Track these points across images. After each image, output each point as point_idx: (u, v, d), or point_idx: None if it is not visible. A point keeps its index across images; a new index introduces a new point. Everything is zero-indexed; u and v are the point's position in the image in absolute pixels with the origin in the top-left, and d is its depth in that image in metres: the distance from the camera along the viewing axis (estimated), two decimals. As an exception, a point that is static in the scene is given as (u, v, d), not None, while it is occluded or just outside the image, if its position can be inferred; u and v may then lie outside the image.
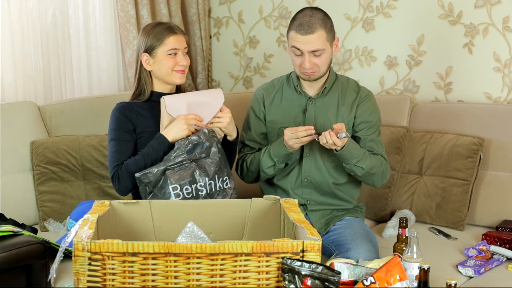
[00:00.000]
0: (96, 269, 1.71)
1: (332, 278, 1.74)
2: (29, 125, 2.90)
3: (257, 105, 2.63)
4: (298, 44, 2.41)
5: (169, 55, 2.46)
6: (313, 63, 2.43)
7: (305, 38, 2.40)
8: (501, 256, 2.50)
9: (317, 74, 2.48)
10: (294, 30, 2.42)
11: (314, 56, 2.42)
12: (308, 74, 2.46)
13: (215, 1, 3.97)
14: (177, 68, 2.47)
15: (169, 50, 2.46)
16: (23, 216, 2.71)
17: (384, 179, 2.55)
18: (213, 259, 1.72)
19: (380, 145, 2.56)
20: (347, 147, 2.38)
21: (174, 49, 2.46)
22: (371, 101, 2.58)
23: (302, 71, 2.46)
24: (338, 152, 2.40)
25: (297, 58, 2.46)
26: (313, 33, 2.39)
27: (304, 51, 2.41)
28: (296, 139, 2.37)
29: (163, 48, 2.46)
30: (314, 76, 2.48)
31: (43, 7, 3.15)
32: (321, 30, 2.41)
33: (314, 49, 2.41)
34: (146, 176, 2.28)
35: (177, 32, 2.49)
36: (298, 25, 2.41)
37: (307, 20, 2.41)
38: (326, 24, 2.44)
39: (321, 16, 2.44)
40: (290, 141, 2.38)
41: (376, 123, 2.57)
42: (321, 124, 2.50)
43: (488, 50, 3.14)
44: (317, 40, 2.40)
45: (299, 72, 2.49)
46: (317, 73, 2.48)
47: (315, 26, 2.40)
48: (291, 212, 2.00)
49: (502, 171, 2.89)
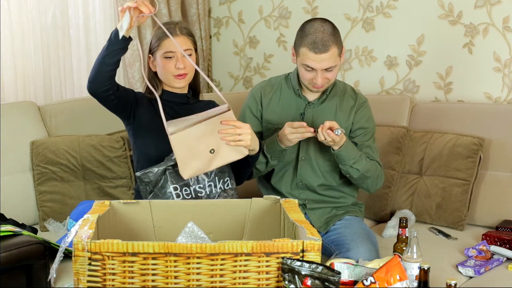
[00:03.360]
0: (96, 269, 1.70)
1: (332, 278, 1.74)
2: (29, 125, 2.90)
3: (254, 103, 2.62)
4: (312, 63, 2.38)
5: (165, 58, 2.39)
6: (325, 78, 2.43)
7: (319, 57, 2.36)
8: (501, 256, 2.50)
9: (326, 86, 2.49)
10: (307, 47, 2.37)
11: (326, 71, 2.41)
12: (318, 87, 2.46)
13: (215, 1, 3.97)
14: (175, 73, 2.39)
15: (164, 53, 2.38)
16: (23, 216, 2.71)
17: (378, 184, 2.56)
18: (213, 259, 1.72)
19: (375, 151, 2.57)
20: (345, 148, 2.39)
21: (169, 52, 2.37)
22: (368, 108, 2.60)
23: (312, 84, 2.46)
24: (335, 152, 2.40)
25: (307, 73, 2.43)
26: (326, 52, 2.36)
27: (317, 69, 2.40)
28: (298, 134, 2.37)
29: (160, 51, 2.39)
30: (324, 88, 2.49)
31: (43, 7, 3.15)
32: (334, 47, 2.38)
33: (327, 67, 2.39)
34: (146, 175, 2.28)
35: (177, 34, 2.38)
36: (311, 43, 2.36)
37: (320, 38, 2.36)
38: (337, 39, 2.40)
39: (331, 31, 2.39)
40: (291, 135, 2.37)
41: (372, 130, 2.59)
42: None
43: (488, 50, 3.14)
44: (330, 58, 2.37)
45: (308, 85, 2.48)
46: (327, 85, 2.49)
47: (328, 44, 2.36)
48: (291, 212, 2.00)
49: (502, 171, 2.89)
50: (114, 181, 2.89)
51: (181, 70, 2.38)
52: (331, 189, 2.58)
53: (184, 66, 2.37)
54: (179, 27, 2.42)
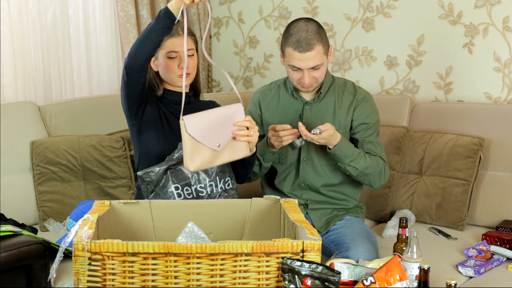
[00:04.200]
0: (96, 269, 1.71)
1: (332, 278, 1.74)
2: (29, 125, 2.90)
3: (254, 108, 2.64)
4: (297, 63, 2.39)
5: (168, 58, 2.39)
6: (312, 77, 2.43)
7: (304, 55, 2.37)
8: (501, 256, 2.50)
9: (315, 85, 2.49)
10: (291, 47, 2.38)
11: (313, 70, 2.41)
12: (307, 87, 2.46)
13: (215, 1, 3.97)
14: (179, 73, 2.39)
15: (167, 53, 2.38)
16: (23, 216, 2.71)
17: (382, 180, 2.55)
18: (213, 259, 1.72)
19: (378, 146, 2.56)
20: (340, 147, 2.39)
21: (173, 51, 2.38)
22: (369, 103, 2.58)
23: (300, 84, 2.46)
24: (331, 151, 2.41)
25: (294, 73, 2.44)
26: (311, 50, 2.36)
27: (304, 68, 2.40)
28: (278, 138, 2.38)
29: (163, 50, 2.39)
30: (312, 87, 2.49)
31: (43, 7, 3.15)
32: (319, 46, 2.38)
33: (313, 65, 2.39)
34: (148, 174, 2.28)
35: (180, 34, 2.36)
36: (296, 42, 2.37)
37: (304, 37, 2.36)
38: (322, 38, 2.40)
39: (315, 29, 2.40)
40: (272, 139, 2.40)
41: (374, 125, 2.57)
42: None
43: (488, 50, 3.14)
44: (315, 57, 2.38)
45: (296, 85, 2.49)
46: (315, 84, 2.49)
47: (312, 43, 2.36)
48: (291, 212, 2.00)
49: (502, 171, 2.89)
50: (114, 181, 2.89)
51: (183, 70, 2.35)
52: (334, 190, 2.58)
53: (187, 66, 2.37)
54: (181, 27, 2.40)
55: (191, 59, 2.40)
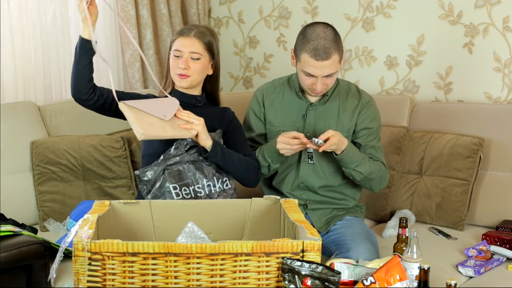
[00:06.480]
0: (96, 269, 1.71)
1: (332, 278, 1.74)
2: (29, 125, 2.89)
3: (257, 106, 2.63)
4: (313, 70, 2.36)
5: (174, 56, 2.40)
6: (324, 84, 2.42)
7: (320, 64, 2.34)
8: (501, 256, 2.50)
9: (325, 91, 2.49)
10: (308, 54, 2.34)
11: (326, 77, 2.40)
12: (317, 93, 2.46)
13: (215, 1, 3.97)
14: (178, 72, 2.40)
15: (174, 51, 2.40)
16: (23, 216, 2.71)
17: (382, 184, 2.56)
18: (213, 259, 1.72)
19: (380, 151, 2.56)
20: (347, 152, 2.39)
21: (177, 50, 2.39)
22: (372, 107, 2.58)
23: (311, 89, 2.45)
24: (338, 156, 2.41)
25: (307, 78, 2.42)
26: (328, 59, 2.34)
27: (318, 76, 2.38)
28: (289, 148, 2.38)
29: (172, 49, 2.42)
30: (323, 92, 2.48)
31: (43, 7, 3.15)
32: (335, 54, 2.35)
33: (328, 74, 2.38)
34: (144, 173, 2.28)
35: (189, 35, 2.39)
36: (313, 49, 2.33)
37: (322, 45, 2.33)
38: (339, 46, 2.38)
39: (333, 37, 2.37)
40: (283, 150, 2.39)
41: (377, 130, 2.57)
42: (320, 130, 2.49)
43: (488, 50, 3.14)
44: (331, 65, 2.36)
45: (307, 89, 2.48)
46: (325, 90, 2.48)
47: (330, 51, 2.33)
48: (291, 212, 2.00)
49: (502, 171, 2.89)
50: (114, 181, 2.89)
51: (182, 70, 2.38)
52: (333, 190, 2.58)
53: (185, 67, 2.37)
54: (195, 29, 2.41)
55: (195, 63, 2.39)
